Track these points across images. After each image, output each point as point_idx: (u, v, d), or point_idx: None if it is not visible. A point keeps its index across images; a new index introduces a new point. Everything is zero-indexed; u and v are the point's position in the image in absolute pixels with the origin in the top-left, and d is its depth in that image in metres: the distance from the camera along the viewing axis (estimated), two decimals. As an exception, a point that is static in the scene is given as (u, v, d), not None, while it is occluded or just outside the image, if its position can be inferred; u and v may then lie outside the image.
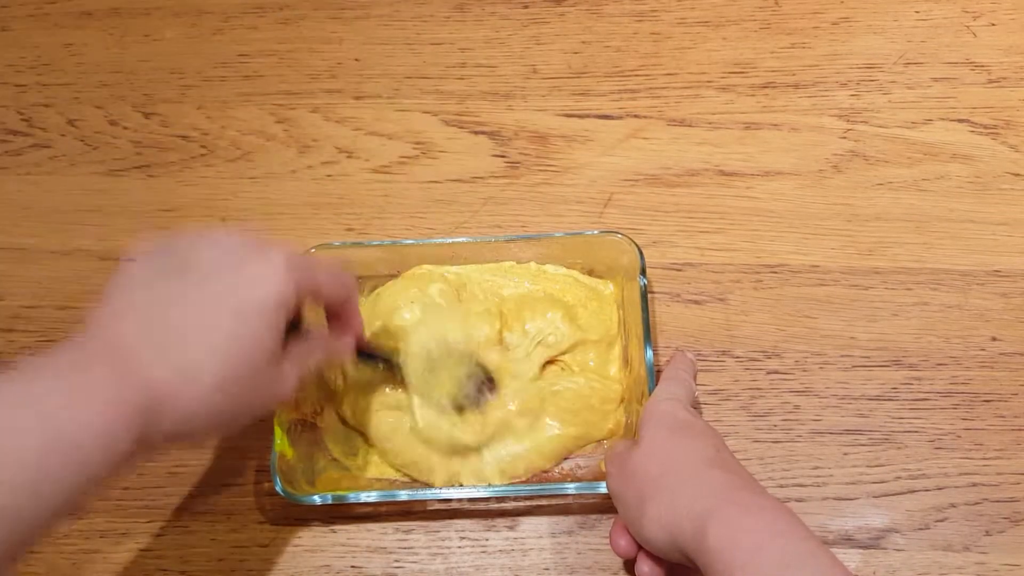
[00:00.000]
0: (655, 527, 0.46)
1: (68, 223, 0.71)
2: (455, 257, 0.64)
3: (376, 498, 0.56)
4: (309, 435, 0.60)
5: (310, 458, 0.59)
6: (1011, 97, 0.72)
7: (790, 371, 0.62)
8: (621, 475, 0.50)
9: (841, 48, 0.76)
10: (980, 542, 0.56)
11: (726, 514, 0.43)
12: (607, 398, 0.60)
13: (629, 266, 0.61)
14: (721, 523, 0.43)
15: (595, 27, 0.78)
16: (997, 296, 0.64)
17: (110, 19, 0.82)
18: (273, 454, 0.56)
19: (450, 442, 0.58)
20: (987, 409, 0.60)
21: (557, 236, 0.64)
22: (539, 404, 0.59)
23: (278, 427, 0.56)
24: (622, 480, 0.50)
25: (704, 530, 0.43)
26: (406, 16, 0.80)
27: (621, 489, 0.50)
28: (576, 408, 0.59)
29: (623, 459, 0.51)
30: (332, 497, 0.55)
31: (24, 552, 0.38)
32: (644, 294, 0.59)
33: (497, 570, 0.57)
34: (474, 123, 0.74)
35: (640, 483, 0.48)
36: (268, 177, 0.72)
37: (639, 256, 0.61)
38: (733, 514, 0.43)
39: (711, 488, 0.46)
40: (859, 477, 0.59)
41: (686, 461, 0.49)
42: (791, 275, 0.66)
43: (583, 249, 0.64)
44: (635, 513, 0.48)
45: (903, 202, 0.68)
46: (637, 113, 0.74)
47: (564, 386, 0.60)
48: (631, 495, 0.49)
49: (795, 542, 0.42)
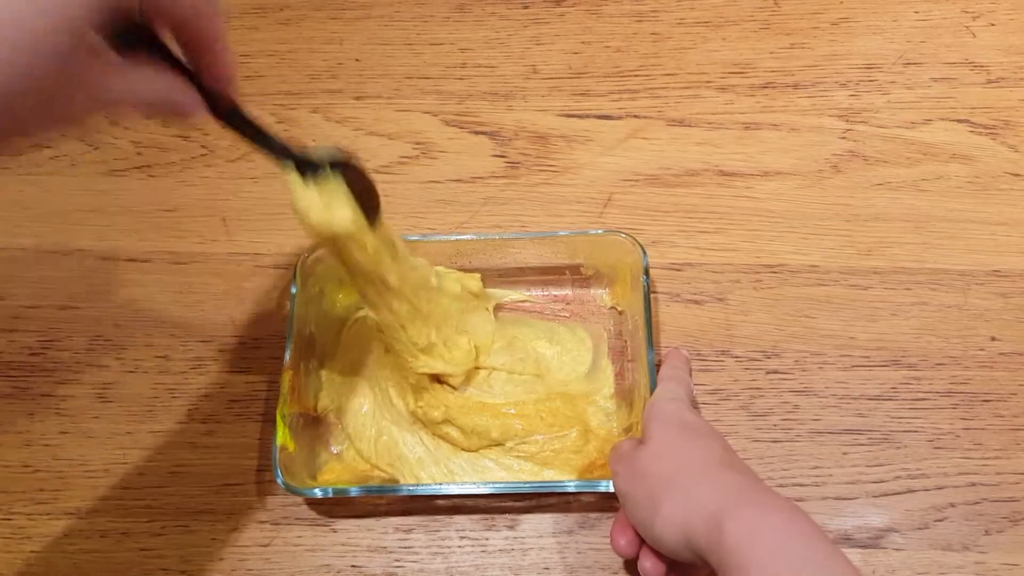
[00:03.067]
0: (668, 526, 0.46)
1: (68, 223, 0.71)
2: (458, 255, 0.64)
3: (378, 491, 0.56)
4: (311, 429, 0.60)
5: (312, 451, 0.60)
6: (1010, 97, 0.72)
7: (789, 371, 0.62)
8: (630, 475, 0.50)
9: (840, 48, 0.76)
10: (979, 542, 0.56)
11: (742, 514, 0.43)
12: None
13: (633, 266, 0.62)
14: (738, 522, 0.43)
15: (595, 27, 0.78)
16: (996, 296, 0.64)
17: (110, 19, 0.82)
18: (274, 447, 0.56)
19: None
20: (986, 409, 0.60)
21: (561, 235, 0.64)
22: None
23: (280, 420, 0.57)
24: (631, 480, 0.50)
25: (720, 529, 0.43)
26: (406, 16, 0.80)
27: (630, 489, 0.50)
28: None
29: (631, 459, 0.51)
30: (333, 490, 0.55)
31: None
32: (647, 295, 0.60)
33: (497, 569, 0.57)
34: (474, 123, 0.74)
35: (651, 483, 0.48)
36: (268, 177, 0.72)
37: (643, 256, 0.61)
38: (750, 514, 0.43)
39: (724, 488, 0.46)
40: (858, 477, 0.59)
41: (697, 461, 0.49)
42: (790, 275, 0.66)
43: (586, 249, 0.64)
44: (646, 513, 0.48)
45: (902, 202, 0.68)
46: (637, 113, 0.74)
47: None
48: (641, 495, 0.49)
49: (812, 543, 0.42)
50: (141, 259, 0.69)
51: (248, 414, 0.63)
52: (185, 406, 0.63)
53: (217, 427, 0.63)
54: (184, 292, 0.68)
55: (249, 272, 0.68)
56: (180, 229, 0.71)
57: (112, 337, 0.66)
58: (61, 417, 0.64)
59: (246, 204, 0.71)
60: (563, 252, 0.65)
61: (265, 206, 0.71)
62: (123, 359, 0.65)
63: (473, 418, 0.59)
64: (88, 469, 0.62)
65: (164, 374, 0.65)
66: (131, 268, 0.69)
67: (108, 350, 0.66)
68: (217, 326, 0.66)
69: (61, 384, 0.65)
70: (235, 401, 0.63)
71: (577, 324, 0.65)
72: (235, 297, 0.67)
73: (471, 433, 0.59)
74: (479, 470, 0.59)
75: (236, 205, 0.72)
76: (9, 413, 0.64)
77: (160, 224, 0.71)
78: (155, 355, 0.65)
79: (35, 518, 0.60)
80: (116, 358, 0.65)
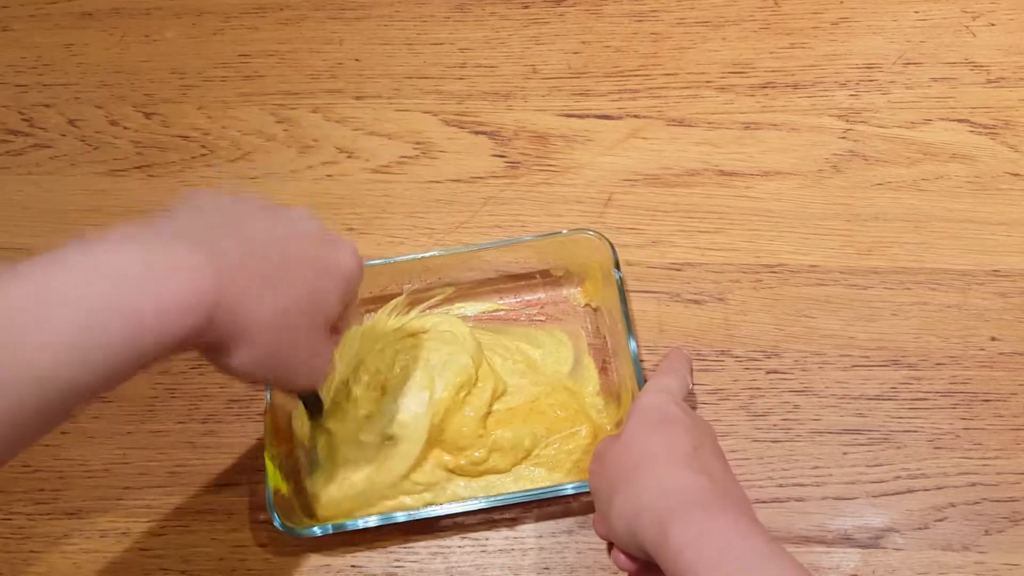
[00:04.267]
0: (619, 520, 0.46)
1: (68, 223, 0.71)
2: (426, 271, 0.64)
3: (376, 523, 0.55)
4: (303, 463, 0.59)
5: (304, 490, 0.58)
6: (1010, 97, 0.72)
7: (789, 371, 0.62)
8: (598, 466, 0.50)
9: (840, 48, 0.76)
10: (979, 542, 0.56)
11: (688, 516, 0.43)
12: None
13: (602, 262, 0.62)
14: (684, 524, 0.43)
15: (595, 27, 0.78)
16: (996, 296, 0.64)
17: (111, 19, 0.82)
18: (268, 490, 0.55)
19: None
20: (986, 409, 0.60)
21: (527, 240, 0.64)
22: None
23: (269, 462, 0.56)
24: (599, 471, 0.50)
25: (665, 530, 0.43)
26: (406, 16, 0.80)
27: (595, 480, 0.50)
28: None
29: (603, 451, 0.51)
30: (332, 527, 0.55)
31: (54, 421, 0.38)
32: (621, 288, 0.60)
33: (497, 570, 0.57)
34: (474, 123, 0.74)
35: (612, 474, 0.48)
36: (268, 177, 0.72)
37: (611, 251, 0.61)
38: (696, 517, 0.43)
39: (675, 487, 0.46)
40: (858, 477, 0.59)
41: (661, 455, 0.48)
42: (790, 275, 0.66)
43: (554, 250, 0.64)
44: (604, 505, 0.48)
45: (902, 202, 0.68)
46: (637, 113, 0.74)
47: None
48: (604, 486, 0.49)
49: (758, 543, 0.42)
50: (141, 259, 0.69)
51: (248, 414, 0.63)
52: (185, 406, 0.64)
53: (217, 427, 0.63)
54: (184, 292, 0.68)
55: (249, 272, 0.68)
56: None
57: (112, 337, 0.66)
58: (61, 417, 0.64)
59: (246, 204, 0.71)
60: (532, 256, 0.65)
61: (265, 206, 0.71)
62: (123, 359, 0.65)
63: (508, 436, 0.59)
64: (88, 469, 0.62)
65: (164, 374, 0.65)
66: (131, 268, 0.69)
67: (108, 350, 0.66)
68: (217, 326, 0.66)
69: (61, 384, 0.65)
70: (235, 401, 0.63)
71: (554, 326, 0.65)
72: (235, 297, 0.67)
73: (510, 450, 0.58)
74: (489, 485, 0.59)
75: (236, 205, 0.71)
76: (9, 413, 0.64)
77: (160, 224, 0.71)
78: (155, 355, 0.65)
79: (35, 518, 0.60)
80: (116, 358, 0.65)
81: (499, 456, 0.58)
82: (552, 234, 0.64)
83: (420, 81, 0.77)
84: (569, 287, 0.66)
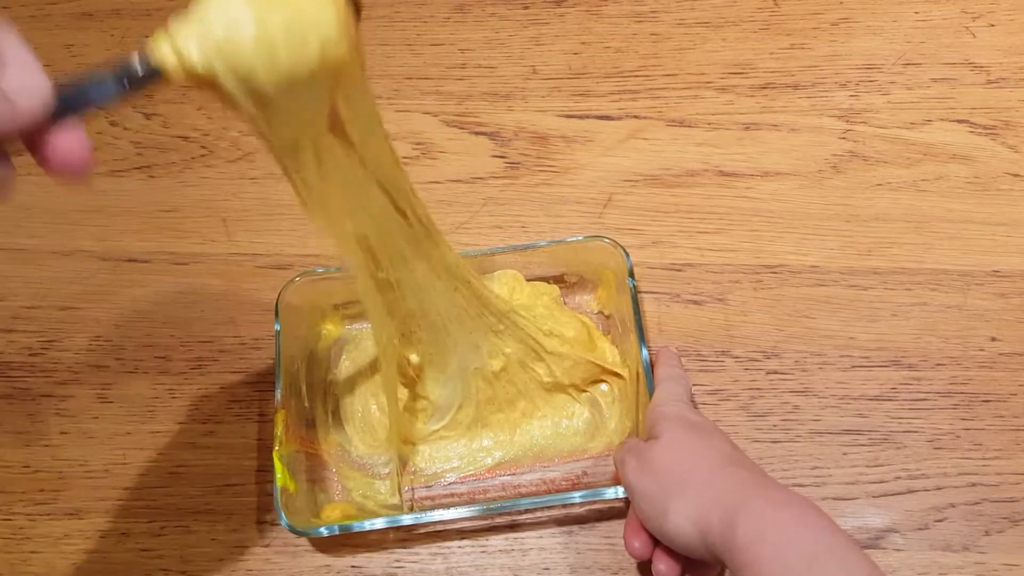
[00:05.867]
0: (682, 522, 0.46)
1: (68, 223, 0.71)
2: None
3: (383, 525, 0.55)
4: (309, 466, 0.59)
5: (312, 489, 0.59)
6: (1010, 97, 0.72)
7: (789, 371, 0.62)
8: (640, 467, 0.50)
9: (840, 49, 0.76)
10: (979, 542, 0.56)
11: (754, 508, 0.44)
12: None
13: (616, 269, 0.62)
14: (750, 517, 0.43)
15: (595, 28, 0.78)
16: (996, 296, 0.64)
17: (111, 20, 0.82)
18: (276, 489, 0.55)
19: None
20: (986, 409, 0.60)
21: (543, 245, 0.63)
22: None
23: (278, 461, 0.56)
24: (643, 474, 0.50)
25: (733, 525, 0.43)
26: (406, 17, 0.80)
27: (641, 483, 0.50)
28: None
29: (642, 453, 0.51)
30: (339, 528, 0.55)
31: None
32: (635, 296, 0.60)
33: (497, 570, 0.57)
34: (474, 124, 0.74)
35: (662, 478, 0.49)
36: (268, 177, 0.72)
37: (626, 258, 0.61)
38: (761, 508, 0.44)
39: (736, 484, 0.47)
40: (858, 477, 0.59)
41: (708, 458, 0.49)
42: (790, 275, 0.66)
43: (568, 256, 0.64)
44: (658, 508, 0.48)
45: (902, 202, 0.68)
46: (637, 114, 0.74)
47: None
48: (652, 488, 0.49)
49: (823, 535, 0.43)
50: (141, 259, 0.70)
51: (248, 414, 0.63)
52: (185, 406, 0.63)
53: (217, 427, 0.63)
54: (184, 292, 0.68)
55: (249, 272, 0.68)
56: (180, 229, 0.71)
57: (112, 337, 0.66)
58: (61, 417, 0.64)
59: (246, 205, 0.72)
60: (546, 261, 0.64)
61: (265, 207, 0.71)
62: (123, 359, 0.65)
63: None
64: (88, 469, 0.62)
65: (164, 374, 0.65)
66: (131, 268, 0.69)
67: (108, 350, 0.66)
68: (217, 326, 0.66)
69: (61, 384, 0.65)
70: (235, 401, 0.63)
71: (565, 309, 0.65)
72: (235, 297, 0.67)
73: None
74: (479, 451, 0.61)
75: (236, 205, 0.72)
76: (9, 413, 0.64)
77: (160, 224, 0.71)
78: (155, 355, 0.65)
79: (35, 518, 0.60)
80: (116, 358, 0.65)
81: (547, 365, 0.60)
82: (568, 240, 0.64)
83: (420, 82, 0.77)
84: (583, 293, 0.66)
